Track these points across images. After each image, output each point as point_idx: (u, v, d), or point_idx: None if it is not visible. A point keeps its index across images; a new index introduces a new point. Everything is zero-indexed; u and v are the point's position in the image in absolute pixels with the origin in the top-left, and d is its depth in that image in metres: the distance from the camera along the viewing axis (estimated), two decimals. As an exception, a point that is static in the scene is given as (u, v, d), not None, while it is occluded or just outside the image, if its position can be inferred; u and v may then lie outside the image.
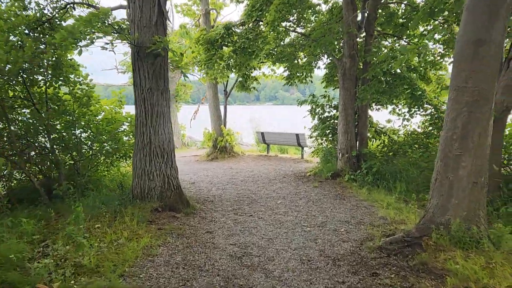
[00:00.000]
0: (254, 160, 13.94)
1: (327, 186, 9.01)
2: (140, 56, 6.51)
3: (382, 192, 8.04)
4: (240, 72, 11.90)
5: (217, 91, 14.56)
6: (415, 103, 9.62)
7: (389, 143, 10.49)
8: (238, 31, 11.14)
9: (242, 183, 9.82)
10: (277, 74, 15.34)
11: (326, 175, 9.92)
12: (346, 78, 9.65)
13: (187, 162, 13.89)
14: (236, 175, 11.09)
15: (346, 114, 9.67)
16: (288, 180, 10.12)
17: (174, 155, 6.98)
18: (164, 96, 6.73)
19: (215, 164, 13.35)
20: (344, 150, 9.70)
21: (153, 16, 6.53)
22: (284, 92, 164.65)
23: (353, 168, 9.59)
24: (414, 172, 8.33)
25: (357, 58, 9.72)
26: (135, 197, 6.63)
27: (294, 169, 12.01)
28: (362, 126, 9.88)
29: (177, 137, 18.82)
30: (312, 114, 11.54)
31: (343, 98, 9.72)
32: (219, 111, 14.64)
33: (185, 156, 15.61)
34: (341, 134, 9.76)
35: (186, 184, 9.80)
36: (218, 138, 14.14)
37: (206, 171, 11.84)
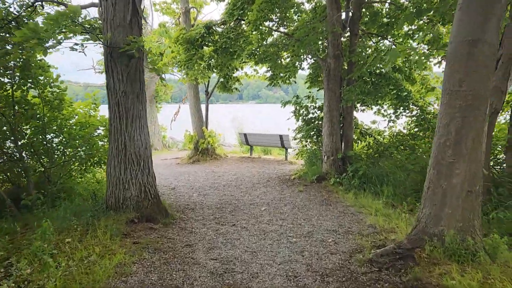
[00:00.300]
0: (237, 163, 13.60)
1: (312, 191, 8.73)
2: (114, 58, 6.09)
3: (369, 196, 7.80)
4: (222, 73, 11.53)
5: (198, 91, 14.16)
6: (400, 104, 9.43)
7: (375, 145, 10.29)
8: (219, 31, 10.78)
9: (224, 188, 9.47)
10: (260, 74, 15.03)
11: (311, 179, 9.65)
12: (331, 79, 9.40)
13: (168, 166, 13.45)
14: (219, 179, 10.73)
15: (331, 116, 9.42)
16: (272, 184, 9.82)
17: (151, 162, 6.59)
18: (140, 99, 6.33)
19: (197, 167, 12.96)
20: (329, 152, 9.44)
21: (127, 14, 6.12)
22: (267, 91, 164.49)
23: (338, 171, 9.34)
24: (401, 175, 8.11)
25: (342, 58, 9.48)
26: (110, 207, 6.21)
27: (278, 172, 11.72)
28: (347, 128, 9.65)
29: (157, 139, 18.35)
30: (296, 116, 11.26)
31: (328, 99, 9.46)
32: (200, 112, 14.24)
33: (166, 158, 15.16)
34: (326, 136, 9.50)
35: (166, 189, 9.40)
36: (200, 140, 13.74)
37: (187, 175, 11.44)
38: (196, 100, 14.04)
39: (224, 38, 10.10)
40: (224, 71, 11.34)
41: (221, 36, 10.36)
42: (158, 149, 18.06)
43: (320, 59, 9.66)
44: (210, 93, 14.51)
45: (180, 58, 10.43)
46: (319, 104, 11.35)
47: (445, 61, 4.43)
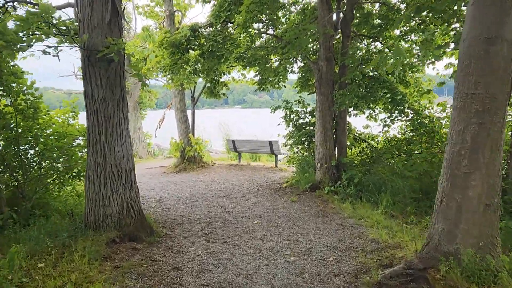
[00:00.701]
0: (225, 170, 13.10)
1: (306, 200, 8.29)
2: (91, 62, 5.57)
3: (367, 206, 7.39)
4: (208, 78, 11.05)
5: (183, 97, 13.64)
6: (395, 108, 9.06)
7: (369, 151, 9.91)
8: (205, 33, 10.31)
9: (213, 199, 8.97)
10: (248, 79, 14.60)
11: (304, 187, 9.21)
12: (323, 83, 9.00)
13: (153, 175, 12.88)
14: (207, 189, 10.22)
15: (323, 121, 9.01)
16: (264, 193, 9.35)
17: (134, 175, 6.05)
18: (121, 107, 5.81)
19: (184, 176, 12.42)
20: (322, 160, 9.03)
21: (106, 14, 5.62)
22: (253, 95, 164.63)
23: (333, 179, 8.93)
24: (399, 182, 7.73)
25: (334, 61, 9.10)
26: (88, 226, 5.66)
27: (269, 180, 11.26)
28: (340, 134, 9.25)
29: (142, 147, 17.74)
30: (287, 121, 10.83)
31: (320, 104, 9.05)
32: (186, 118, 13.72)
33: (151, 167, 14.57)
34: (319, 142, 9.08)
35: (151, 202, 8.85)
36: (186, 148, 13.21)
37: (173, 185, 10.90)
38: (182, 106, 13.53)
39: (211, 41, 9.64)
40: (211, 76, 10.87)
41: (207, 39, 9.90)
42: (143, 157, 17.45)
43: (311, 62, 9.26)
44: (196, 99, 14.01)
45: (164, 62, 9.91)
46: (310, 108, 10.96)
47: (457, 61, 4.04)
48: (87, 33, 5.54)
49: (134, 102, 17.71)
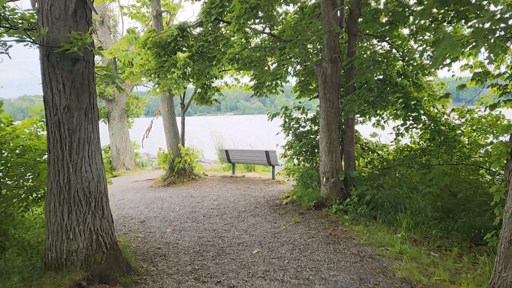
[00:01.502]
0: (218, 184, 12.02)
1: (312, 221, 7.24)
2: (52, 61, 4.50)
3: (383, 228, 6.36)
4: (199, 82, 9.99)
5: (172, 104, 12.56)
6: (409, 114, 8.08)
7: (379, 162, 8.90)
8: (195, 33, 9.28)
9: (205, 219, 7.89)
10: (242, 84, 13.58)
11: (307, 205, 8.16)
12: (328, 87, 8.00)
13: (139, 190, 11.75)
14: (198, 206, 9.13)
15: (329, 130, 8.00)
16: (262, 212, 8.29)
17: (107, 200, 4.95)
18: (90, 117, 4.72)
19: (173, 190, 11.31)
20: (328, 173, 7.99)
21: (70, 4, 4.55)
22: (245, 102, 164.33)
23: (340, 195, 7.90)
24: (419, 200, 6.71)
25: (340, 62, 8.10)
26: (49, 265, 4.55)
27: (267, 194, 10.20)
28: (348, 144, 8.23)
29: (129, 157, 16.59)
30: (286, 129, 9.80)
31: (324, 110, 8.04)
32: (175, 127, 12.62)
33: (137, 180, 13.43)
34: (324, 154, 8.06)
35: (133, 224, 7.75)
36: (176, 159, 12.12)
37: (161, 202, 9.79)
38: (170, 114, 12.43)
39: (201, 41, 8.60)
40: (202, 80, 9.82)
41: (197, 40, 8.86)
42: (130, 168, 16.31)
43: (313, 64, 8.25)
44: (186, 106, 12.94)
45: (149, 65, 8.85)
46: (311, 115, 9.96)
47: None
48: (46, 27, 4.47)
49: (121, 110, 16.60)
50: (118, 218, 8.31)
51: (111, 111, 16.45)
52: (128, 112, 16.75)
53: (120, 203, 9.84)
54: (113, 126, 16.43)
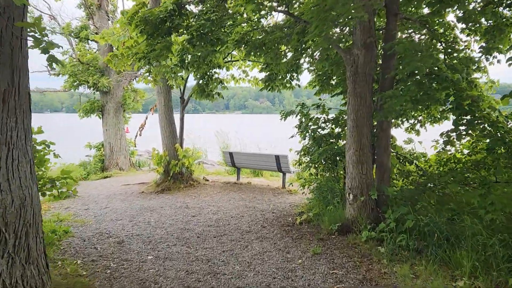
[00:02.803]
0: (220, 191, 10.35)
1: (336, 253, 5.54)
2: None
3: (437, 270, 4.66)
4: (199, 72, 8.32)
5: (170, 97, 10.91)
6: (461, 117, 6.33)
7: (418, 176, 7.16)
8: (195, 11, 7.62)
9: (198, 242, 6.24)
10: (250, 77, 11.93)
11: (328, 227, 6.47)
12: (359, 79, 6.29)
13: (128, 195, 10.11)
14: (192, 222, 7.48)
15: (359, 134, 6.29)
16: (271, 233, 6.62)
17: (39, 233, 3.30)
18: (12, 107, 3.08)
19: (166, 199, 9.66)
20: (357, 189, 6.29)
21: None
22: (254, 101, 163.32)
23: (371, 218, 6.19)
24: (482, 231, 4.98)
25: (376, 48, 6.40)
26: None
27: (276, 208, 8.53)
28: (382, 152, 6.52)
29: (124, 156, 14.99)
30: (302, 132, 8.10)
31: (354, 109, 6.34)
32: (172, 125, 10.96)
33: (129, 184, 11.80)
34: (352, 164, 6.35)
35: (108, 245, 6.11)
36: (172, 162, 10.47)
37: (149, 214, 8.15)
38: (167, 109, 10.78)
39: (202, 20, 6.93)
40: (203, 70, 8.14)
41: (197, 19, 7.19)
42: (124, 169, 14.70)
43: (341, 51, 6.55)
44: (186, 101, 11.29)
45: (137, 48, 7.19)
46: (332, 115, 8.28)
47: None
48: None
49: (116, 103, 14.99)
50: (93, 235, 6.69)
51: (106, 104, 14.86)
52: (125, 106, 15.15)
53: (100, 214, 8.22)
54: (107, 121, 14.84)
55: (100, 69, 14.78)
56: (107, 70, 14.90)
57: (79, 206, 8.98)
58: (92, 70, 14.45)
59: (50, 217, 7.69)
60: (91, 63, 14.56)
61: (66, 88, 14.76)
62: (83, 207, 8.88)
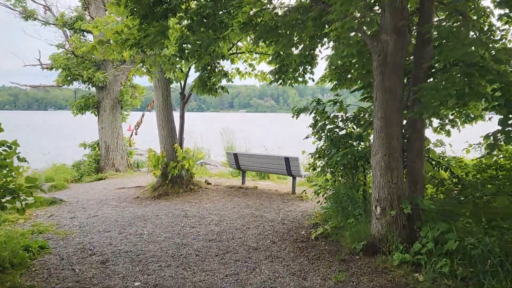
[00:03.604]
0: (223, 197, 9.35)
1: (364, 281, 4.54)
2: None
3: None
4: (200, 63, 7.32)
5: (168, 93, 9.92)
6: (510, 114, 5.30)
7: (453, 184, 6.14)
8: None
9: (197, 262, 5.27)
10: (257, 72, 10.92)
11: (351, 246, 5.46)
12: (388, 71, 5.28)
13: (121, 201, 9.13)
14: (191, 235, 6.51)
15: (388, 136, 5.28)
16: (282, 251, 5.63)
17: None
18: None
19: (163, 205, 8.68)
20: (386, 201, 5.27)
21: None
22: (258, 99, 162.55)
23: (403, 236, 5.18)
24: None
25: (409, 33, 5.39)
26: None
27: (286, 217, 7.56)
28: (414, 157, 5.50)
29: (120, 156, 14.02)
30: (317, 132, 7.10)
31: (382, 106, 5.32)
32: (172, 123, 9.97)
33: (124, 187, 10.81)
34: (379, 171, 5.34)
35: (89, 266, 5.14)
36: (170, 164, 9.48)
37: (142, 224, 7.18)
38: (165, 106, 9.79)
39: (203, 0, 5.93)
40: (205, 60, 7.14)
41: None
42: (120, 170, 13.73)
43: (367, 37, 5.53)
44: (187, 97, 10.30)
45: (127, 33, 6.18)
46: (350, 113, 7.29)
47: None
48: None
49: (113, 100, 14.01)
50: (74, 251, 5.73)
51: (101, 101, 13.89)
52: (122, 102, 14.18)
53: (87, 223, 7.25)
54: (103, 119, 13.87)
55: (96, 63, 13.83)
56: (104, 64, 13.95)
57: (65, 213, 8.01)
58: (87, 63, 13.50)
59: (29, 228, 6.73)
60: (86, 56, 13.59)
61: (59, 83, 13.80)
62: (69, 214, 7.92)
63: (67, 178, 11.58)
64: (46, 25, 14.64)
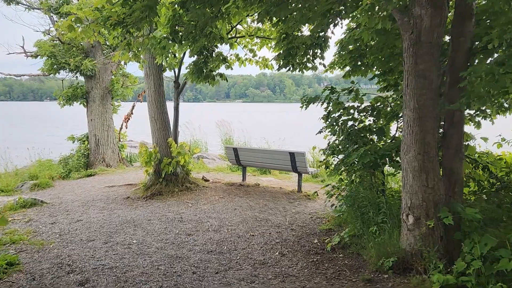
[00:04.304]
0: (222, 197, 8.47)
1: (400, 311, 3.69)
2: None
3: None
4: (196, 47, 6.38)
5: (161, 82, 8.96)
6: None
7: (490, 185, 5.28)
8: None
9: (193, 283, 4.41)
10: (258, 58, 9.98)
11: (377, 262, 4.60)
12: (422, 51, 4.38)
13: (110, 202, 8.23)
14: (187, 245, 5.64)
15: (423, 130, 4.39)
16: (294, 267, 4.78)
17: None
18: None
19: (156, 207, 7.79)
20: (420, 209, 4.40)
21: None
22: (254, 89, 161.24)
23: (441, 251, 4.32)
24: None
25: (448, 7, 4.47)
26: None
27: (294, 221, 6.71)
28: (452, 156, 4.62)
29: (111, 151, 13.08)
30: (332, 126, 6.18)
31: (415, 95, 4.42)
32: (165, 115, 9.03)
33: (114, 185, 9.89)
34: (411, 172, 4.46)
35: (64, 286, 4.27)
36: (164, 160, 8.58)
37: (131, 231, 6.30)
38: (158, 96, 8.85)
39: (198, -30, 4.98)
40: (201, 43, 6.20)
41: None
42: (111, 165, 12.81)
43: (396, 12, 4.61)
44: (182, 86, 9.36)
45: (108, 10, 5.22)
46: (367, 103, 6.39)
47: None
48: None
49: (103, 89, 13.03)
50: (49, 268, 4.84)
51: (90, 91, 12.89)
52: (113, 92, 13.19)
53: (69, 231, 6.36)
54: (92, 110, 12.89)
55: (84, 50, 12.83)
56: (93, 52, 12.95)
57: (45, 217, 7.11)
58: (74, 50, 12.50)
59: (0, 237, 5.84)
60: (73, 43, 12.59)
61: (45, 72, 12.79)
62: (50, 219, 7.02)
63: (52, 175, 10.64)
64: (30, 9, 13.57)
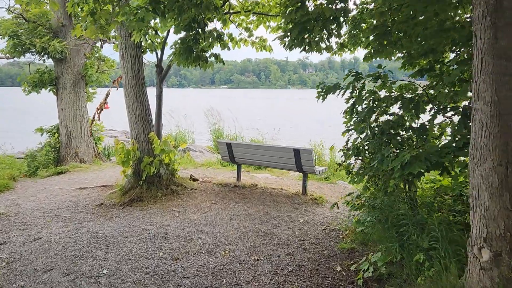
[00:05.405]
0: (215, 202, 7.16)
1: None
2: None
3: None
4: (182, 21, 4.99)
5: (140, 65, 7.51)
6: None
7: None
8: None
9: None
10: (255, 38, 8.62)
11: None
12: (505, 22, 3.09)
13: (78, 211, 6.83)
14: (173, 277, 4.33)
15: (504, 132, 3.13)
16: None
17: None
18: None
19: (134, 218, 6.43)
20: (502, 241, 3.16)
21: None
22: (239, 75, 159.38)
23: (532, 299, 3.10)
24: None
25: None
26: None
27: (305, 236, 5.49)
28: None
29: (86, 144, 11.58)
30: (360, 122, 4.89)
31: (495, 82, 3.15)
32: (146, 105, 7.60)
33: (86, 187, 8.45)
34: (488, 190, 3.20)
35: None
36: (145, 159, 7.19)
37: (102, 255, 4.95)
38: (136, 83, 7.41)
39: None
40: (189, 15, 4.81)
41: None
42: (86, 161, 11.32)
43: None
44: (165, 70, 7.94)
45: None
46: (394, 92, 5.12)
47: None
48: None
49: (75, 75, 11.45)
50: (-17, 319, 3.48)
51: (61, 76, 11.30)
52: (87, 78, 11.63)
53: (21, 255, 4.98)
54: (63, 98, 11.33)
55: (53, 29, 11.21)
56: (63, 32, 11.34)
57: (-5, 234, 5.71)
58: (40, 29, 10.88)
59: None
60: (39, 21, 10.97)
61: (8, 54, 11.16)
62: (0, 236, 5.62)
63: (13, 175, 9.13)
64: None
